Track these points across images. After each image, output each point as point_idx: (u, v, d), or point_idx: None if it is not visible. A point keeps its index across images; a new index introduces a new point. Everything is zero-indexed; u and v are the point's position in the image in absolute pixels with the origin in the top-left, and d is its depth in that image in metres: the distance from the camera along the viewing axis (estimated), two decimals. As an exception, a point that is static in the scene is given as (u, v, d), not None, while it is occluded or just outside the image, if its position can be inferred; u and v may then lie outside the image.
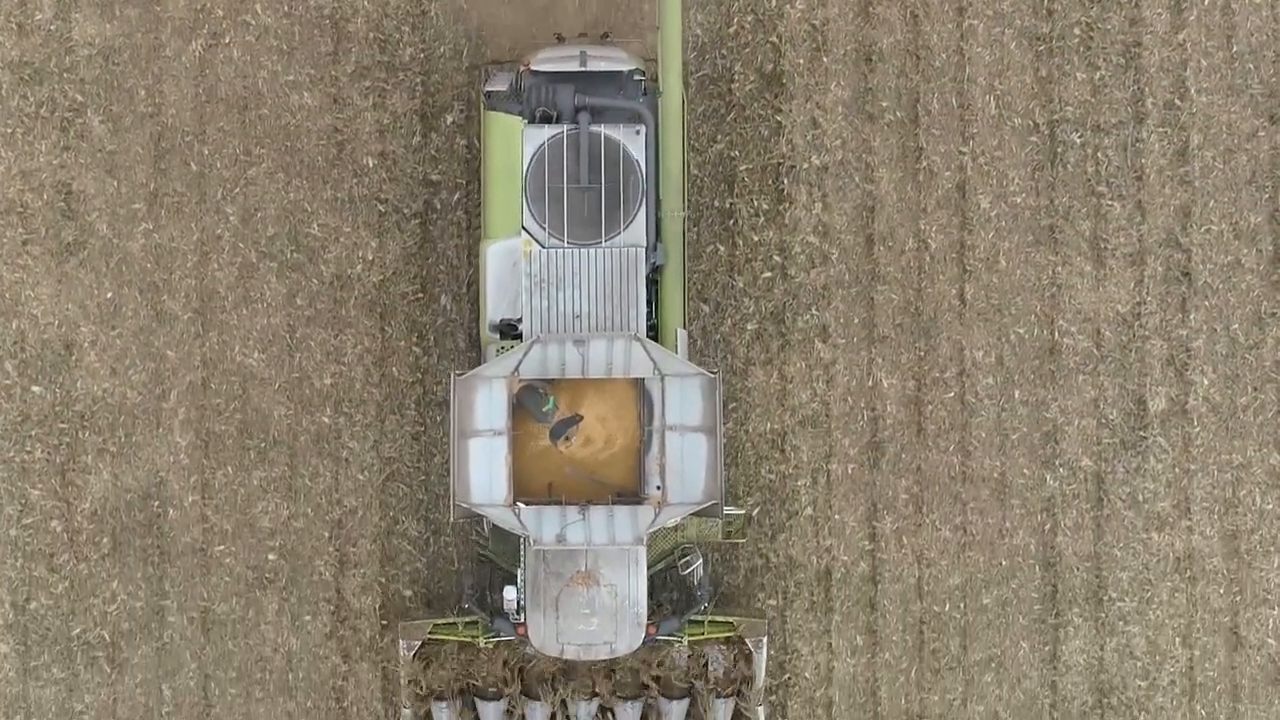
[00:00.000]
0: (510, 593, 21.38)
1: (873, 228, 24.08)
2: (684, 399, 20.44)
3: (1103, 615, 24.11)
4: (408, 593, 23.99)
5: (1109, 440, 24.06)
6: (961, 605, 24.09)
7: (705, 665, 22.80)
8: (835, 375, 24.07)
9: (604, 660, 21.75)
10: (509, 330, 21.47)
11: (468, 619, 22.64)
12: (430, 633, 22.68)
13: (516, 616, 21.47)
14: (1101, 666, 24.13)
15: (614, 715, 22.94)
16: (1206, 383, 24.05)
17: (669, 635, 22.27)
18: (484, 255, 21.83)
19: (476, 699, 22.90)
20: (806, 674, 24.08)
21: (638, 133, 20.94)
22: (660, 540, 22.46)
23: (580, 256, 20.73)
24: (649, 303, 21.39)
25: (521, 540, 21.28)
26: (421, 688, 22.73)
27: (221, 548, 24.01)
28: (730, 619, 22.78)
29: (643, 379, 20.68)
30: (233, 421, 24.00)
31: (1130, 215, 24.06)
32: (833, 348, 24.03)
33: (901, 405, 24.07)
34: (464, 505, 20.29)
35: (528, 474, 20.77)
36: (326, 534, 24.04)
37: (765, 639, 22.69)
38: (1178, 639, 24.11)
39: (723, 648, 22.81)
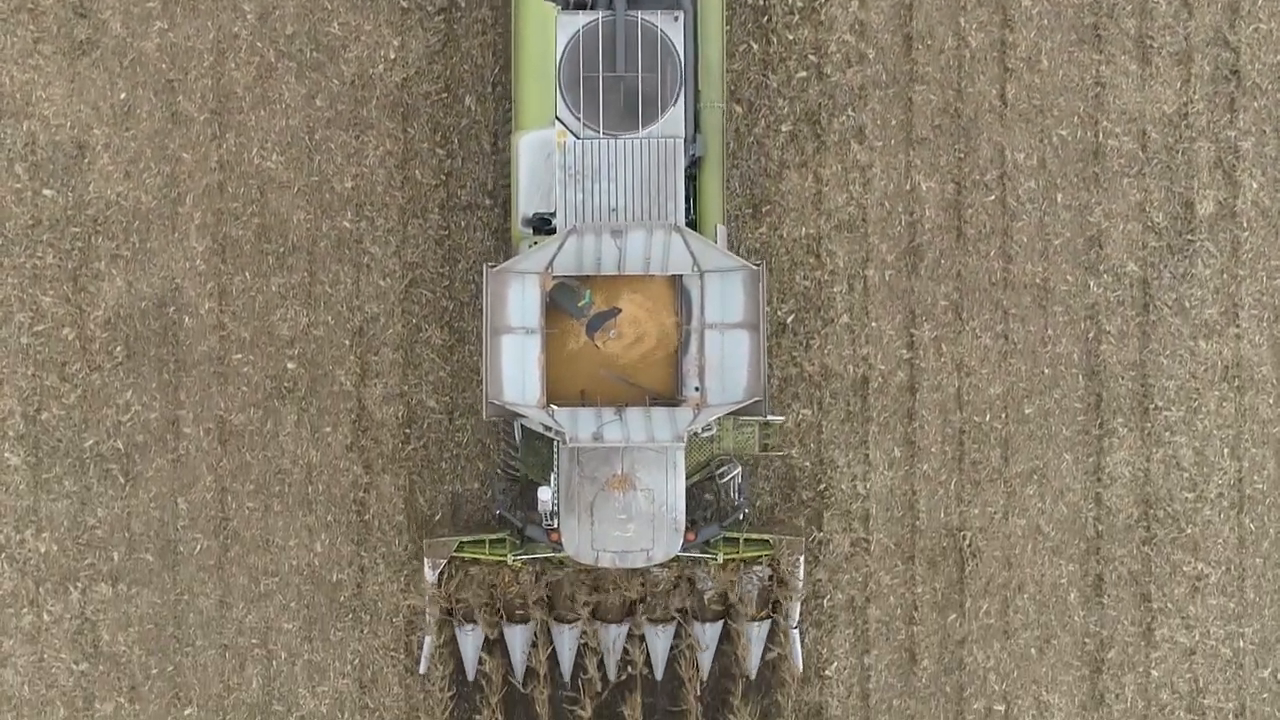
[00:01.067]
0: (545, 493, 20.49)
1: (911, 26, 23.32)
2: (725, 294, 19.72)
3: (1148, 425, 23.36)
4: (431, 403, 23.23)
5: (1155, 245, 23.32)
6: (1002, 415, 23.34)
7: (739, 587, 21.99)
8: (872, 178, 23.31)
9: (640, 569, 20.93)
10: (542, 225, 20.63)
11: (495, 536, 21.89)
12: (456, 551, 21.86)
13: (550, 522, 20.63)
14: (1147, 479, 23.38)
15: (644, 640, 22.15)
16: (1255, 185, 23.30)
17: (708, 542, 21.50)
18: (516, 147, 21.00)
19: (503, 623, 22.13)
20: (842, 487, 23.33)
21: (676, 19, 20.09)
22: (696, 452, 21.58)
23: (616, 148, 19.89)
24: (687, 197, 20.62)
25: (554, 444, 20.50)
26: (446, 611, 22.03)
27: (239, 356, 23.27)
28: (766, 537, 21.94)
29: (680, 276, 19.93)
30: (250, 226, 23.25)
31: (1177, 12, 23.30)
32: (869, 150, 23.28)
33: (940, 209, 23.32)
34: (496, 403, 19.47)
35: (560, 378, 20.06)
36: (347, 342, 23.29)
37: (802, 558, 21.87)
38: (1226, 450, 23.36)
39: (758, 568, 21.98)
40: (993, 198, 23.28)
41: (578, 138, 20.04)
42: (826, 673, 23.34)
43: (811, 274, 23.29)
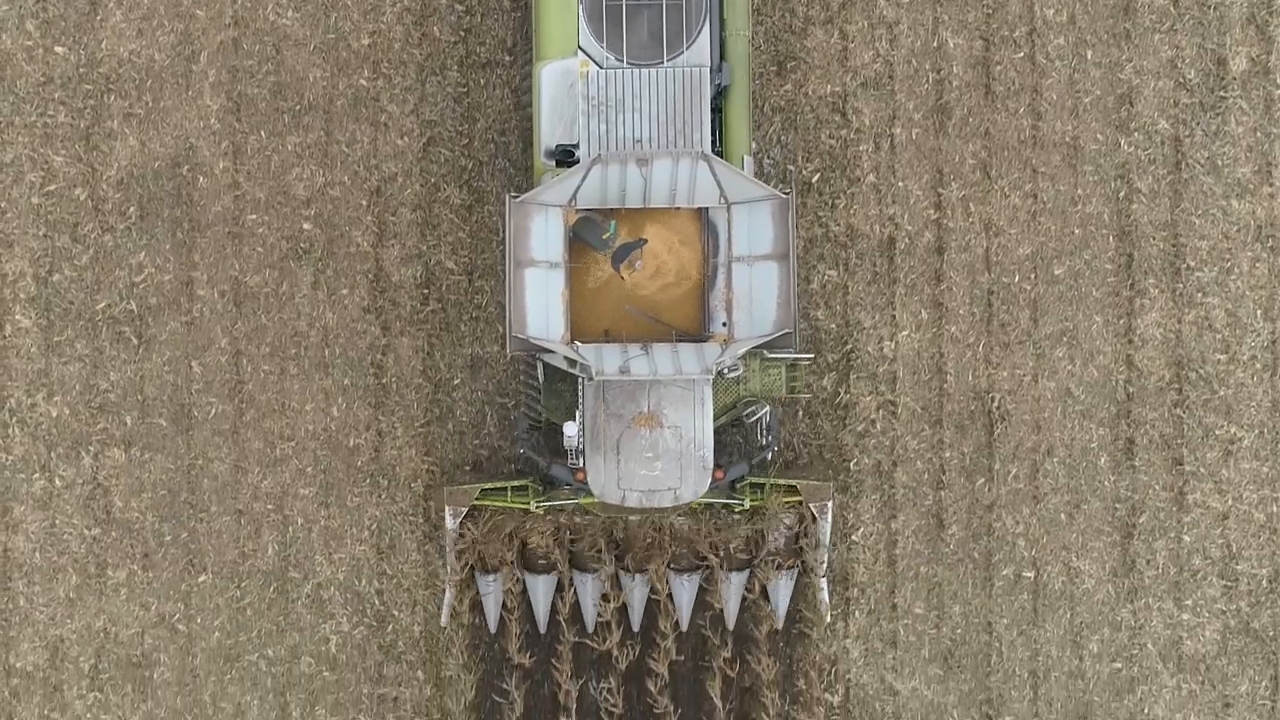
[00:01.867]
0: (570, 427, 19.98)
1: (938, -121, 22.92)
2: (753, 225, 19.32)
3: (1180, 286, 22.93)
4: (450, 264, 22.78)
5: (1187, 102, 22.88)
6: (1032, 276, 22.90)
7: (765, 534, 21.51)
8: (899, 34, 22.86)
9: (668, 508, 20.37)
10: (565, 157, 20.21)
11: (517, 483, 21.43)
12: (478, 499, 21.36)
13: (575, 461, 20.13)
14: (1179, 340, 22.95)
15: (669, 588, 21.68)
16: (1289, 42, 22.90)
17: (735, 483, 21.04)
18: (538, 77, 20.50)
19: (525, 572, 21.67)
20: (869, 349, 22.90)
21: None
22: (722, 394, 21.06)
23: (640, 77, 19.54)
24: (713, 128, 20.17)
25: (578, 383, 20.04)
26: (468, 559, 21.55)
27: (254, 217, 22.83)
28: (793, 482, 21.43)
29: (706, 210, 19.46)
30: (265, 84, 22.80)
31: None
32: (895, 5, 22.83)
33: (968, 66, 22.87)
34: (521, 337, 19.02)
35: (584, 315, 19.73)
36: (364, 202, 22.85)
37: (830, 504, 21.39)
38: (1259, 311, 22.91)
39: (784, 515, 21.53)
40: (1021, 54, 22.84)
41: (601, 67, 19.62)
42: (853, 538, 22.91)
43: (837, 132, 22.84)
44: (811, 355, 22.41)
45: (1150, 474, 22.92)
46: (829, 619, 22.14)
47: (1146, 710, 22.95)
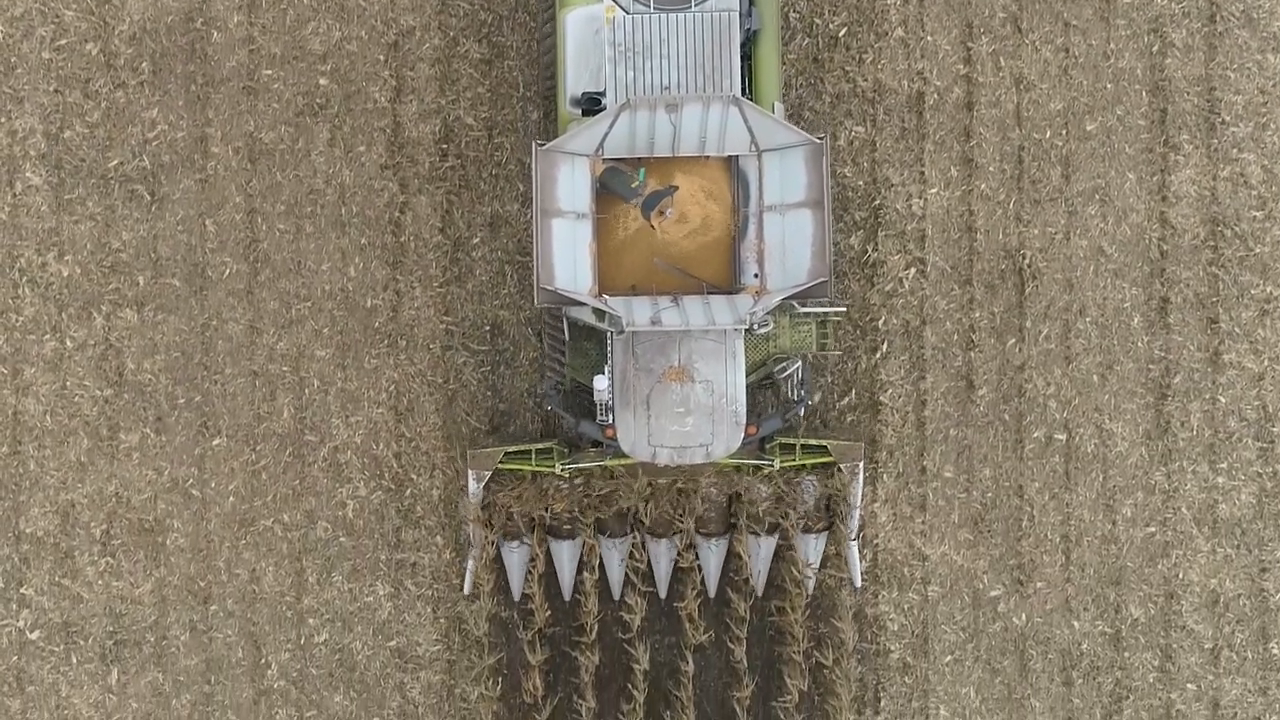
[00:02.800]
0: (601, 381, 19.31)
1: None
2: (785, 173, 18.85)
3: (1215, 142, 22.46)
4: (469, 119, 22.32)
5: (1222, -46, 22.44)
6: (1063, 132, 22.43)
7: (795, 497, 20.96)
8: (927, -115, 22.42)
9: (698, 465, 19.77)
10: (591, 105, 19.58)
11: (541, 446, 20.89)
12: (501, 462, 20.80)
13: (604, 418, 19.51)
14: (1214, 197, 22.47)
15: (696, 553, 21.14)
16: (1326, -108, 22.41)
17: (765, 442, 20.51)
18: (562, 23, 19.93)
19: (550, 538, 21.13)
20: (897, 206, 22.43)
21: None
22: (752, 351, 20.46)
23: (668, 22, 19.05)
24: (742, 75, 19.64)
25: (605, 339, 19.53)
26: (491, 525, 21.05)
27: (269, 72, 22.35)
28: (824, 442, 20.82)
29: (736, 159, 19.01)
30: (281, -63, 22.37)
31: None
32: None
33: (999, -83, 22.43)
34: (548, 289, 18.49)
35: (612, 269, 19.24)
36: (382, 57, 22.38)
37: (861, 465, 20.79)
38: (1295, 167, 22.48)
39: (814, 477, 20.99)
40: (1053, -94, 22.41)
41: (627, 12, 19.14)
42: (881, 399, 22.44)
43: (864, -15, 22.41)
44: (844, 308, 21.92)
45: (1184, 334, 22.45)
46: (860, 583, 21.56)
47: (1181, 575, 22.49)
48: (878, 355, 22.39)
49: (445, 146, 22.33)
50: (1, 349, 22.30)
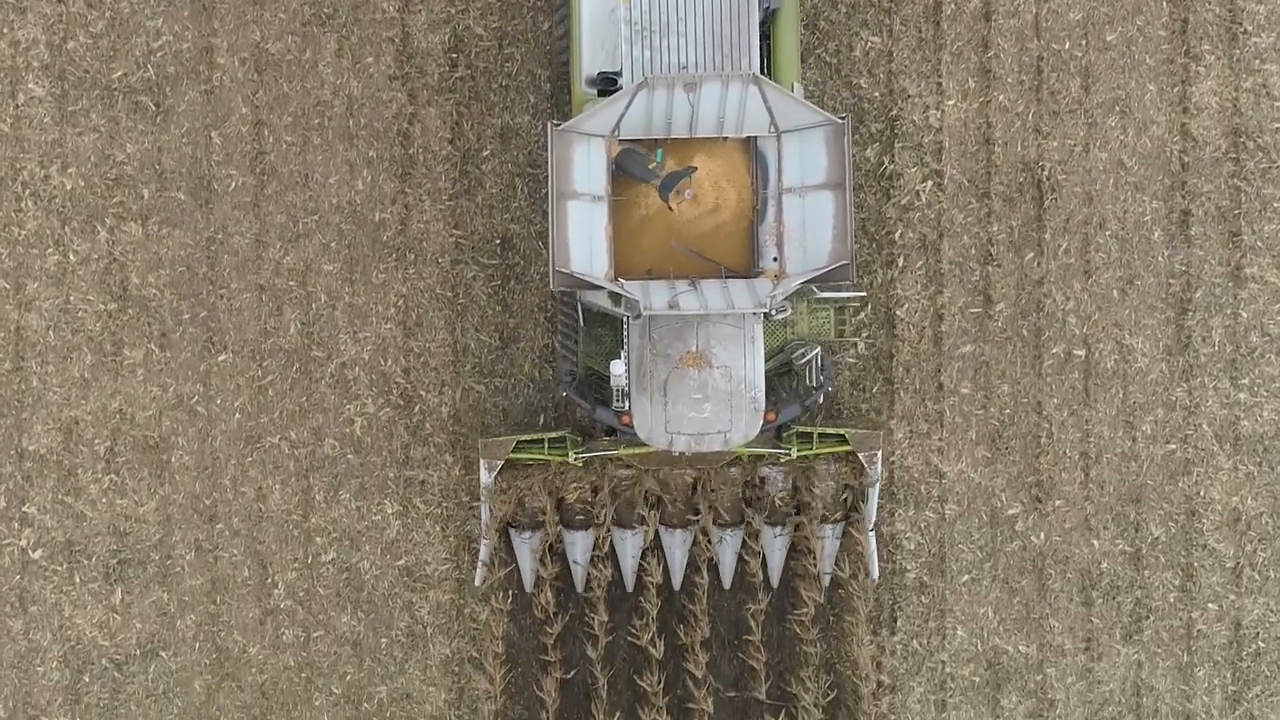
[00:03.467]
0: (618, 366, 18.85)
1: None
2: (805, 154, 18.44)
3: (1237, 53, 22.08)
4: (479, 29, 21.95)
5: None
6: (1083, 43, 22.05)
7: (812, 486, 20.56)
8: None
9: (717, 451, 19.32)
10: (607, 85, 19.18)
11: (555, 435, 20.47)
12: (513, 452, 20.35)
13: (620, 404, 19.10)
14: (1235, 109, 22.11)
15: (710, 543, 20.75)
16: None
17: (782, 430, 20.12)
18: (578, 1, 19.49)
19: (563, 528, 20.73)
20: (914, 118, 22.06)
21: None
22: (769, 337, 20.06)
23: (685, 0, 18.68)
24: (761, 54, 19.28)
25: (621, 325, 19.16)
26: (503, 515, 20.61)
27: (275, -18, 22.03)
28: (842, 430, 20.42)
29: (754, 140, 18.63)
30: None
31: None
32: None
33: None
34: (564, 272, 18.09)
35: (627, 254, 18.81)
36: (390, -34, 22.04)
37: (880, 454, 20.38)
38: (1319, 78, 22.11)
39: (831, 466, 20.61)
40: None
41: None
42: (897, 314, 22.08)
43: (881, -106, 22.05)
44: (864, 294, 21.57)
45: (1206, 248, 22.08)
46: (877, 575, 21.17)
47: (1202, 493, 22.12)
48: (894, 270, 22.03)
49: (455, 57, 21.97)
50: (4, 263, 21.94)
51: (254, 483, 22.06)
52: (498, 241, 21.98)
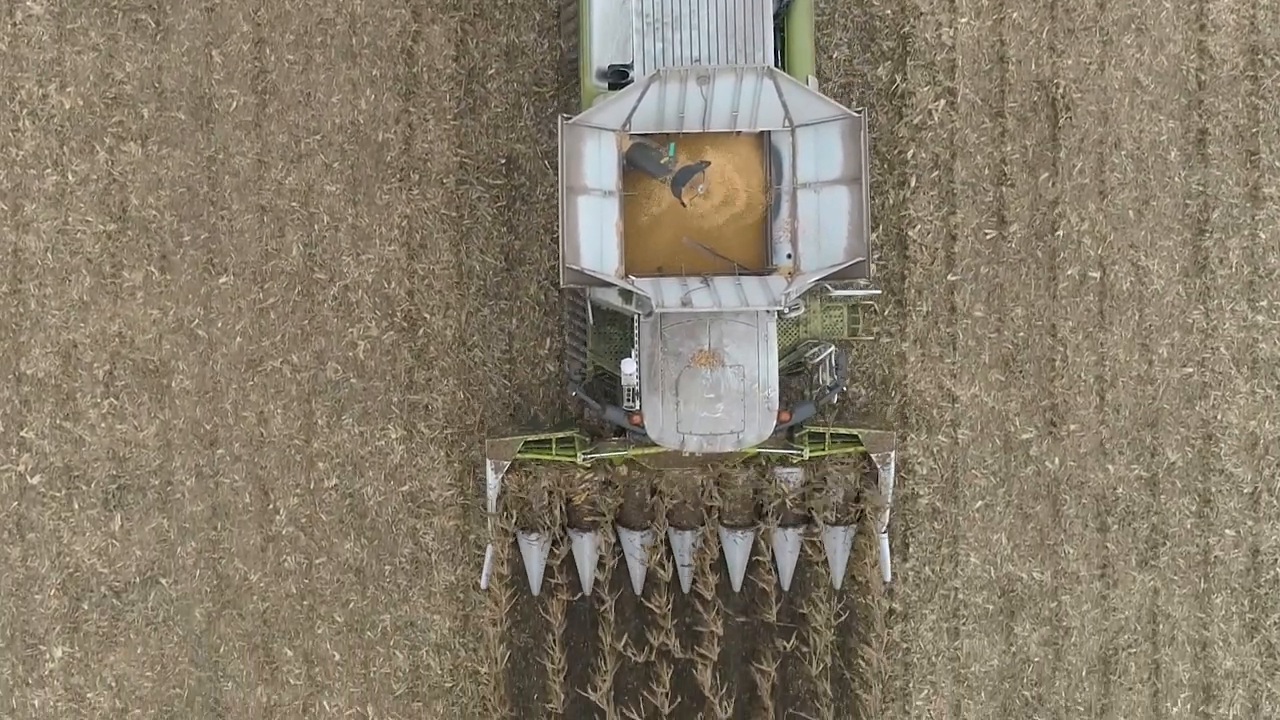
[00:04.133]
0: (629, 365, 18.44)
1: None
2: (821, 148, 18.04)
3: (1255, -28, 21.75)
4: (484, -54, 21.64)
5: None
6: (1098, -41, 21.72)
7: (823, 489, 20.10)
8: None
9: (729, 453, 19.04)
10: (618, 78, 18.72)
11: (562, 435, 20.02)
12: (520, 452, 19.92)
13: (630, 403, 18.69)
14: (1253, 26, 21.75)
15: (720, 547, 20.28)
16: None
17: (794, 431, 19.69)
18: None
19: (570, 530, 20.24)
20: (926, 36, 21.69)
21: None
22: (781, 336, 19.62)
23: None
24: (775, 47, 18.85)
25: (632, 323, 18.76)
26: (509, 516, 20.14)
27: (277, -102, 21.66)
28: (854, 431, 19.99)
29: (769, 134, 18.23)
30: None
31: None
32: None
33: None
34: (574, 269, 17.68)
35: (638, 250, 18.42)
36: (394, -118, 21.68)
37: (893, 455, 19.94)
38: (1338, -4, 21.74)
39: (843, 467, 20.15)
40: None
41: None
42: (909, 234, 21.71)
43: None
44: (879, 291, 21.21)
45: (1223, 168, 21.71)
46: (889, 578, 20.75)
47: (1219, 417, 21.76)
48: (906, 190, 21.67)
49: (459, -30, 21.65)
50: (1, 184, 21.59)
51: (255, 407, 21.71)
52: (503, 162, 21.62)
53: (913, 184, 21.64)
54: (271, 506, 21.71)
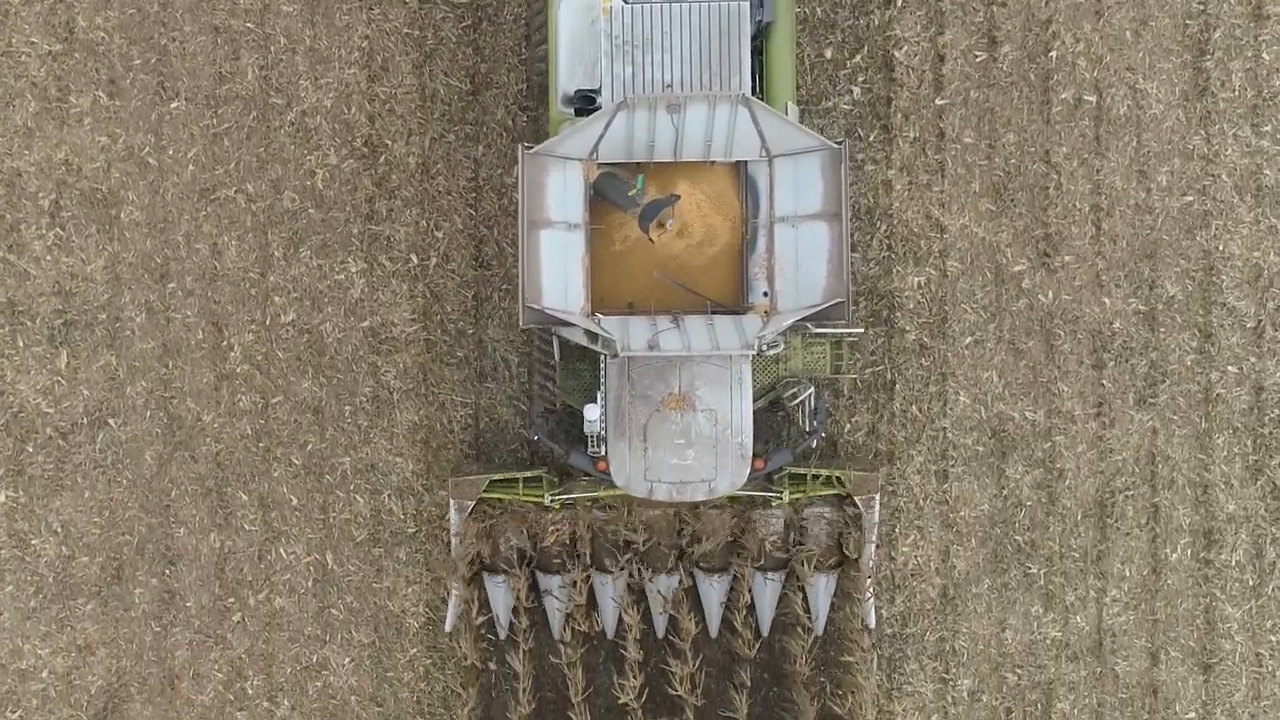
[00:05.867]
0: (592, 411, 17.50)
1: None
2: (799, 181, 17.13)
3: None
4: None
5: None
6: None
7: (804, 532, 19.22)
8: None
9: (700, 502, 18.12)
10: (585, 104, 17.82)
11: (529, 474, 19.11)
12: (486, 491, 18.99)
13: (596, 449, 17.70)
14: None
15: (696, 591, 19.36)
16: None
17: (773, 475, 18.82)
18: (555, 12, 18.04)
19: (537, 572, 19.30)
20: None
21: None
22: (760, 373, 18.80)
23: (670, 13, 17.15)
24: (753, 72, 17.77)
25: (599, 362, 17.77)
26: (474, 558, 19.18)
27: None
28: (838, 473, 19.08)
29: (745, 163, 17.28)
30: None
31: None
32: None
33: None
34: (535, 309, 16.75)
35: (606, 285, 17.56)
36: None
37: (877, 498, 19.06)
38: None
39: (826, 511, 19.27)
40: None
41: (626, 2, 17.29)
42: (896, 56, 20.67)
43: None
44: (862, 330, 20.21)
45: (1225, -14, 20.73)
46: (874, 625, 19.73)
47: (1221, 247, 20.72)
48: (892, 9, 20.63)
49: None
50: (-59, 4, 20.60)
51: (208, 239, 20.68)
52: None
53: (899, 2, 20.61)
54: (225, 343, 20.68)
